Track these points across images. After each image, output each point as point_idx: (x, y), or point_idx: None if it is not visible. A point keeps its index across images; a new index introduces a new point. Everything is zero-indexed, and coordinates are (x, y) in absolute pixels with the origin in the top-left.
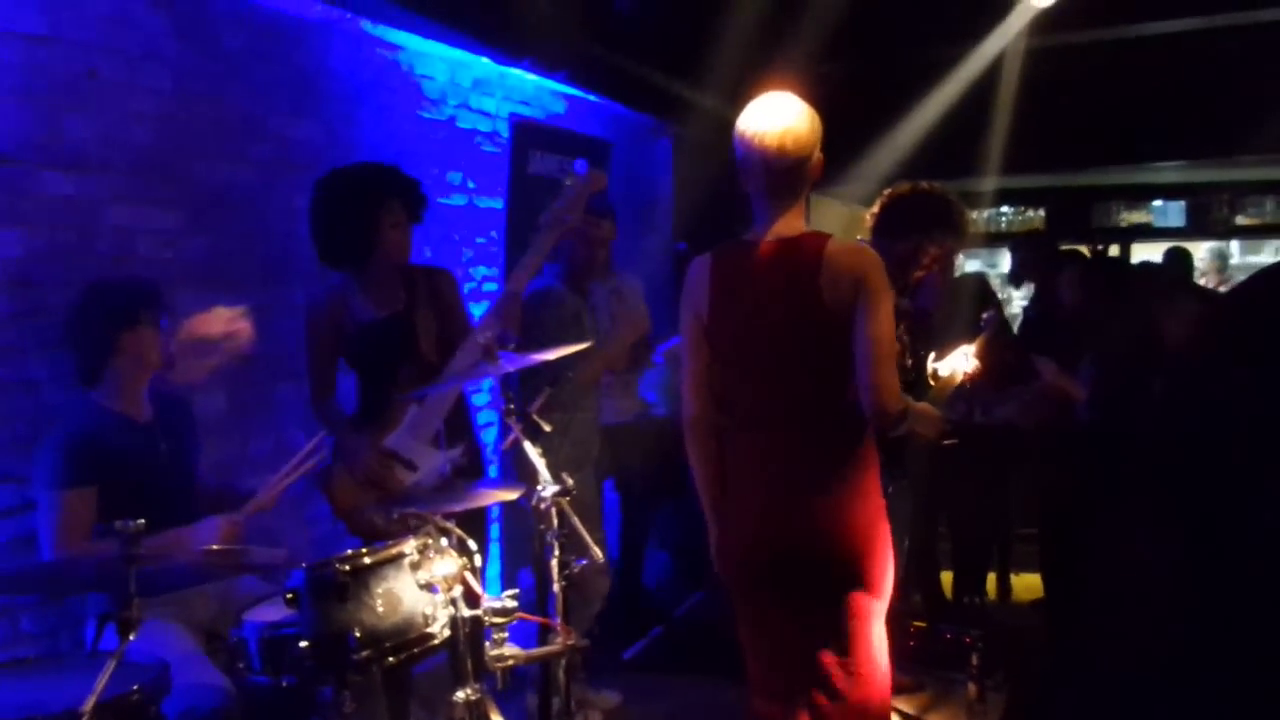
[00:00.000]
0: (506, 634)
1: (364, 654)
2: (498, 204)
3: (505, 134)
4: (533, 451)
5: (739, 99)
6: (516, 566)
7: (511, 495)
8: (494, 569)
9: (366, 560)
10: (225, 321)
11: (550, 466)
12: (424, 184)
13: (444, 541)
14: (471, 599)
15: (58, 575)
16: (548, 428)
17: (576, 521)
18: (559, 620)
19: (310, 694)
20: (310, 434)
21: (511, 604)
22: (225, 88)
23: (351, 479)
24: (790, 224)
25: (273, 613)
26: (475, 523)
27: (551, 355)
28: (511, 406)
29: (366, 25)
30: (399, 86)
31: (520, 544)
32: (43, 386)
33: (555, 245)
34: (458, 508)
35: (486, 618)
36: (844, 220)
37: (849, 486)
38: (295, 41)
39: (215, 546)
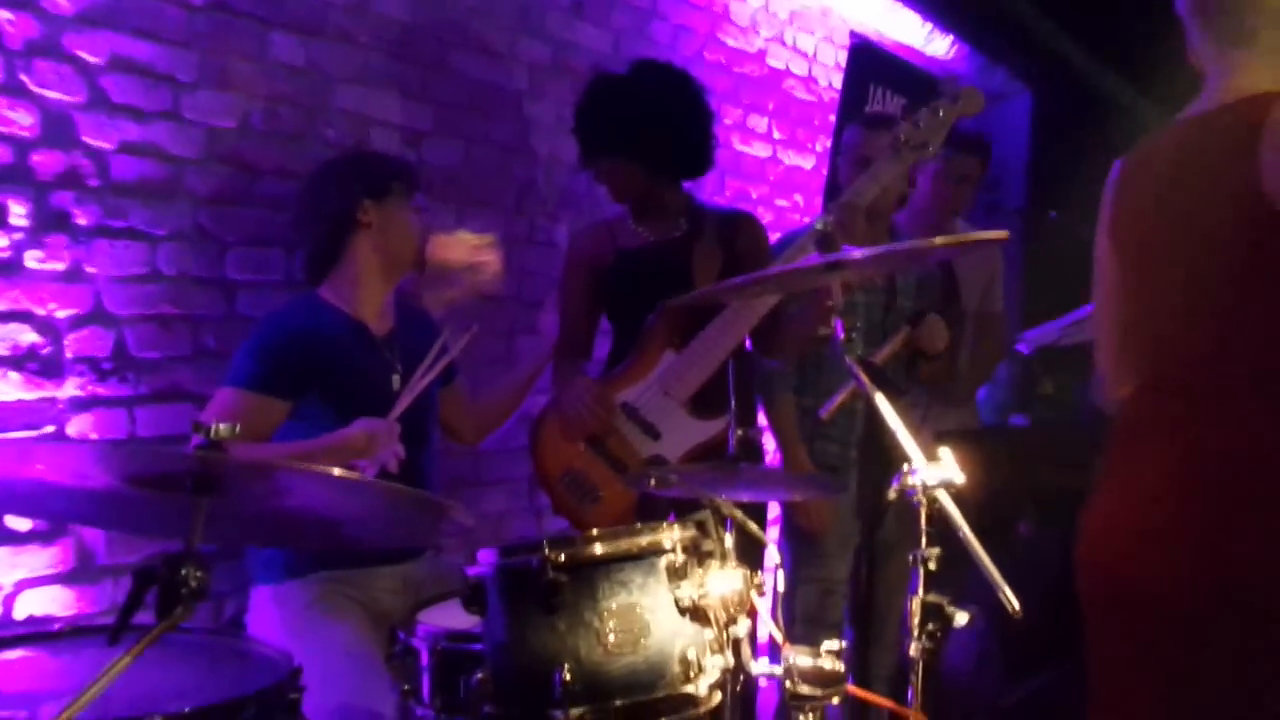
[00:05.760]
0: (819, 716)
1: (575, 713)
2: (808, 163)
3: (822, 80)
4: (891, 415)
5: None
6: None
7: (818, 492)
8: None
9: (598, 550)
10: (470, 249)
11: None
12: (718, 124)
13: (726, 541)
14: (759, 644)
15: (112, 500)
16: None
17: (974, 541)
18: (917, 706)
19: None
20: None
21: (835, 666)
22: None
23: (563, 431)
24: (1238, 82)
25: (462, 615)
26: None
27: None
28: (854, 337)
29: None
30: (704, 3)
31: (807, 569)
32: (239, 293)
33: (904, 177)
34: (744, 497)
35: (792, 685)
36: None
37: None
38: None
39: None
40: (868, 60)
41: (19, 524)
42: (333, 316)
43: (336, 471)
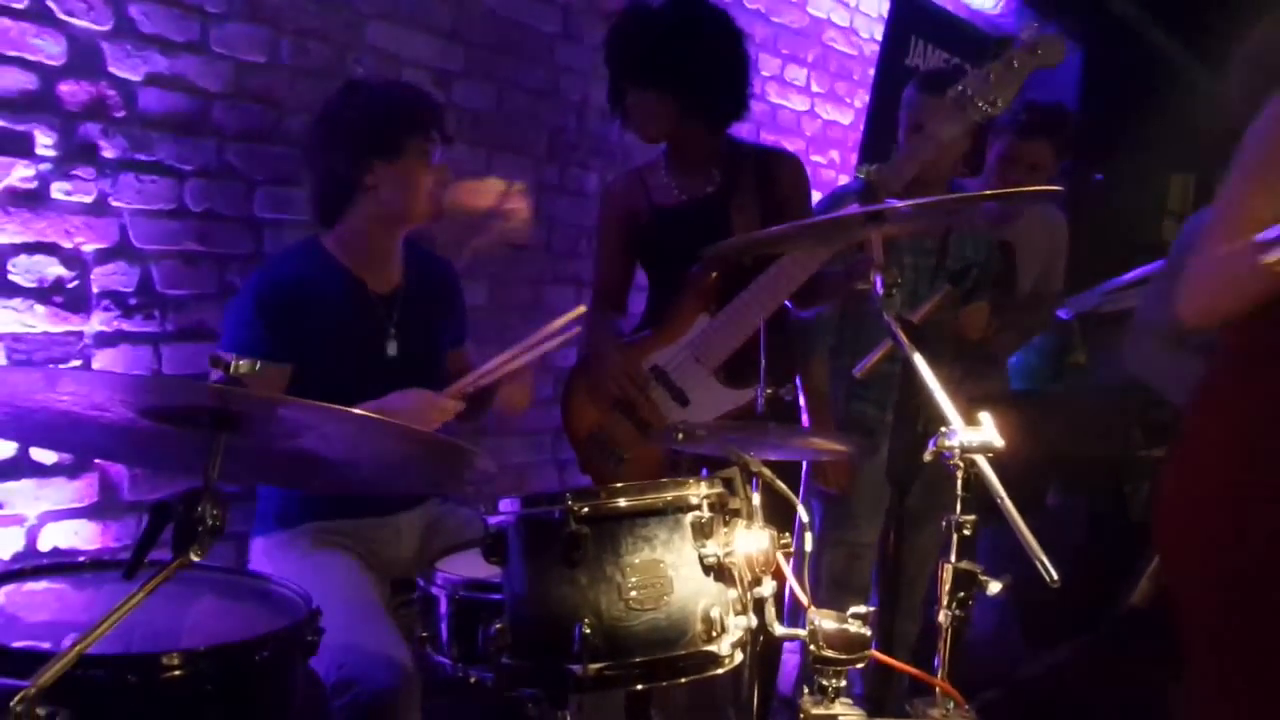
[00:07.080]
0: (843, 681)
1: (594, 668)
2: (846, 118)
3: (864, 32)
4: (929, 375)
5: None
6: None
7: (842, 448)
8: None
9: (622, 503)
10: (499, 195)
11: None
12: (755, 74)
13: (754, 499)
14: (783, 607)
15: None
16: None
17: (1011, 508)
18: (942, 675)
19: (506, 699)
20: None
21: (861, 631)
22: None
23: (590, 394)
24: None
25: (481, 565)
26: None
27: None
28: (894, 293)
29: None
30: None
31: (836, 531)
32: (265, 232)
33: (968, 134)
34: (772, 455)
35: (816, 649)
36: None
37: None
38: None
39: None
40: (910, 11)
41: (45, 457)
42: (329, 270)
43: (357, 411)
